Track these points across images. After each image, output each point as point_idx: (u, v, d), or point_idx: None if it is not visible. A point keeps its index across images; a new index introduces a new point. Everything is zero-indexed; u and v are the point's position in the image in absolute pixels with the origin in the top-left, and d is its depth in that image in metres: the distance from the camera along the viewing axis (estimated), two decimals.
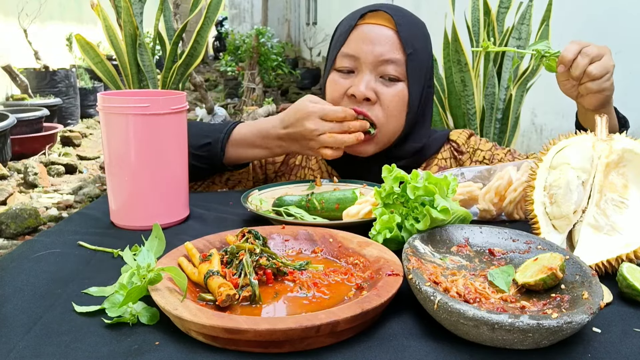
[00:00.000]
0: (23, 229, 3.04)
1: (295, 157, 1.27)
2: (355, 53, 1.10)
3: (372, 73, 1.10)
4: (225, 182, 1.24)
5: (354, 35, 1.11)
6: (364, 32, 1.10)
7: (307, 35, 12.21)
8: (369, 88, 1.08)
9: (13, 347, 0.56)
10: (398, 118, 1.12)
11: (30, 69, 6.13)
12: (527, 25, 2.34)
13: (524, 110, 2.58)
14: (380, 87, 1.10)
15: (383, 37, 1.09)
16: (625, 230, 0.77)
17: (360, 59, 1.09)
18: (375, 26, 1.10)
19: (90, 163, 4.94)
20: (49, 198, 3.83)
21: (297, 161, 1.27)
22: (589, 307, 0.56)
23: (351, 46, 1.11)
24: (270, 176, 1.27)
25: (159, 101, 0.90)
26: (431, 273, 0.67)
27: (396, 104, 1.10)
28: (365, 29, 1.11)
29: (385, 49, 1.08)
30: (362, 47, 1.09)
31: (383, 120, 1.10)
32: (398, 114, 1.11)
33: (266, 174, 1.27)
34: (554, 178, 0.85)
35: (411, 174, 0.79)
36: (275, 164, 1.26)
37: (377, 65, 1.09)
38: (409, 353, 0.56)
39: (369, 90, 1.08)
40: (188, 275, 0.68)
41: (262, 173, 1.26)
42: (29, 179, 4.05)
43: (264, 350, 0.56)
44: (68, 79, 6.24)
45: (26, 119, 4.84)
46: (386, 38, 1.09)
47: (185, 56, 2.84)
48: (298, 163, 1.27)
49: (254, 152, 1.13)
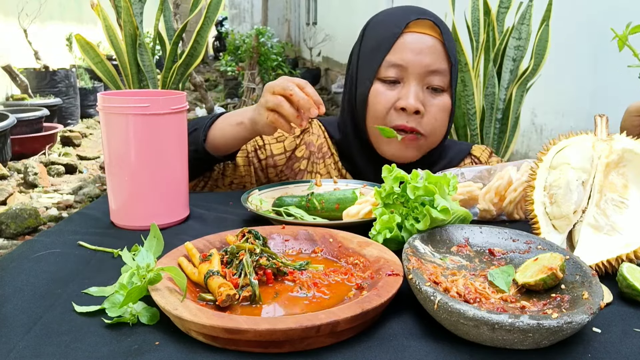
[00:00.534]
0: (23, 229, 3.04)
1: (300, 162, 1.26)
2: (403, 63, 1.08)
3: (419, 84, 1.09)
4: (229, 184, 1.24)
5: (400, 44, 1.09)
6: (412, 41, 1.09)
7: (307, 35, 12.20)
8: (417, 100, 1.08)
9: (13, 347, 0.56)
10: (442, 127, 1.13)
11: (30, 69, 6.13)
12: (527, 25, 2.34)
13: (524, 110, 2.58)
14: (427, 98, 1.10)
15: (431, 47, 1.08)
16: (625, 230, 0.77)
17: (409, 69, 1.08)
18: (423, 35, 1.09)
19: (90, 163, 4.94)
20: (49, 198, 3.83)
21: (302, 166, 1.26)
22: (589, 307, 0.56)
23: (399, 55, 1.09)
24: (273, 180, 1.26)
25: (159, 101, 0.90)
26: (431, 273, 0.67)
27: (442, 115, 1.12)
28: (413, 38, 1.09)
29: (433, 59, 1.08)
30: (410, 56, 1.08)
31: (430, 130, 1.11)
32: (443, 123, 1.13)
33: (268, 178, 1.26)
34: (554, 178, 0.85)
35: (411, 174, 0.79)
36: (277, 167, 1.25)
37: (424, 75, 1.08)
38: (409, 353, 0.56)
39: (418, 102, 1.08)
40: (188, 275, 0.68)
41: (264, 176, 1.26)
42: (29, 179, 4.05)
43: (264, 350, 0.56)
44: (68, 79, 6.24)
45: (26, 119, 4.85)
46: (434, 48, 1.08)
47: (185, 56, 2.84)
48: (303, 168, 1.26)
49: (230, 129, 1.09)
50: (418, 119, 1.09)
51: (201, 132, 1.10)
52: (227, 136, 1.11)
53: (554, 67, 2.91)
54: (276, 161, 1.25)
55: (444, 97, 1.11)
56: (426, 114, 1.10)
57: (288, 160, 1.26)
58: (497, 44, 2.42)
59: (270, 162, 1.25)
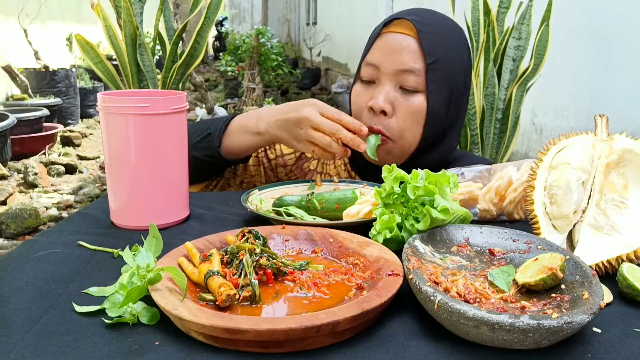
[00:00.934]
0: (23, 229, 3.04)
1: (310, 162, 1.25)
2: (376, 62, 1.09)
3: (391, 83, 1.08)
4: (239, 184, 1.24)
5: (377, 44, 1.10)
6: (386, 41, 1.09)
7: (307, 35, 12.20)
8: (386, 100, 1.07)
9: (13, 347, 0.56)
10: (414, 130, 1.09)
11: (30, 69, 6.13)
12: (527, 25, 2.34)
13: (524, 110, 2.58)
14: (399, 99, 1.08)
15: (404, 47, 1.07)
16: (625, 230, 0.77)
17: (381, 68, 1.08)
18: (398, 35, 1.08)
19: (90, 163, 4.94)
20: (49, 198, 3.83)
21: (311, 166, 1.25)
22: (589, 307, 0.56)
23: (373, 55, 1.10)
24: (283, 179, 1.26)
25: (159, 101, 0.90)
26: (431, 273, 0.67)
27: (412, 117, 1.08)
28: (388, 38, 1.09)
29: (405, 59, 1.06)
30: (383, 56, 1.08)
31: (397, 133, 1.08)
32: (414, 126, 1.09)
33: (278, 177, 1.26)
34: (554, 178, 0.85)
35: (411, 174, 0.79)
36: (287, 167, 1.25)
37: (396, 75, 1.07)
38: (409, 353, 0.56)
39: (386, 103, 1.07)
40: (188, 275, 0.68)
41: (274, 176, 1.25)
42: (29, 179, 4.05)
43: (264, 350, 0.56)
44: (68, 79, 6.24)
45: (26, 119, 4.85)
46: (407, 47, 1.07)
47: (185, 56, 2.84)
48: (313, 168, 1.25)
49: (246, 137, 1.11)
50: (385, 121, 1.08)
51: (215, 137, 1.10)
52: (244, 144, 1.12)
53: (554, 67, 2.91)
54: (286, 161, 1.25)
55: (417, 98, 1.07)
56: (395, 115, 1.08)
57: (298, 160, 1.25)
58: (497, 44, 2.42)
59: (280, 162, 1.24)
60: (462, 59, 1.12)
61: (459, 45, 1.12)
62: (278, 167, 1.25)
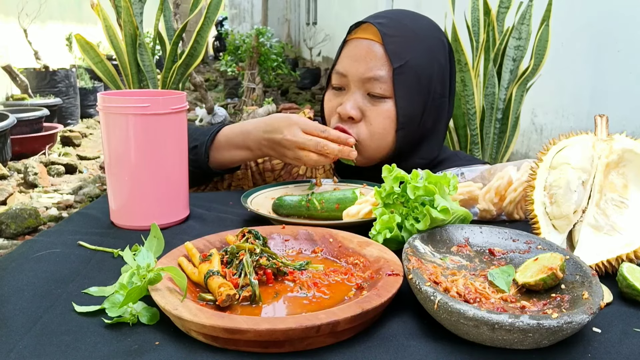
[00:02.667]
0: (23, 229, 3.04)
1: (299, 167, 1.25)
2: (344, 71, 1.08)
3: (359, 90, 1.07)
4: (227, 187, 1.24)
5: (344, 52, 1.10)
6: (352, 48, 1.08)
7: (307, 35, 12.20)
8: (354, 107, 1.06)
9: (13, 347, 0.56)
10: (384, 135, 1.07)
11: (30, 69, 6.13)
12: (527, 25, 2.34)
13: (524, 110, 2.58)
14: (368, 105, 1.07)
15: (369, 53, 1.05)
16: (625, 230, 0.77)
17: (348, 76, 1.08)
18: (362, 41, 1.07)
19: (90, 163, 4.94)
20: (49, 198, 3.83)
21: (300, 171, 1.25)
22: (589, 307, 0.56)
23: (341, 63, 1.09)
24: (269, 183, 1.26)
25: (159, 101, 0.90)
26: (431, 273, 0.67)
27: (381, 122, 1.07)
28: (353, 45, 1.08)
29: (370, 66, 1.04)
30: (349, 64, 1.07)
31: (366, 137, 1.07)
32: (384, 131, 1.07)
33: (265, 181, 1.26)
34: (554, 178, 0.85)
35: (411, 174, 0.79)
36: (275, 171, 1.25)
37: (363, 82, 1.06)
38: (409, 353, 0.56)
39: (354, 109, 1.06)
40: (188, 275, 0.68)
41: (261, 180, 1.25)
42: (29, 179, 4.05)
43: (264, 350, 0.56)
44: (68, 79, 6.24)
45: (26, 119, 4.84)
46: (371, 54, 1.05)
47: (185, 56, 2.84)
48: (302, 173, 1.25)
49: (237, 153, 1.11)
50: (354, 126, 1.08)
51: (202, 151, 1.09)
52: (234, 159, 1.12)
53: (554, 67, 2.91)
54: (273, 165, 1.25)
55: (386, 104, 1.05)
56: (364, 120, 1.07)
57: (286, 164, 1.25)
58: (497, 44, 2.42)
59: (268, 166, 1.24)
60: (437, 60, 1.08)
61: (433, 46, 1.08)
62: (266, 172, 1.25)
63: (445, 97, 1.12)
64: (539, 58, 2.40)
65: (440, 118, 1.13)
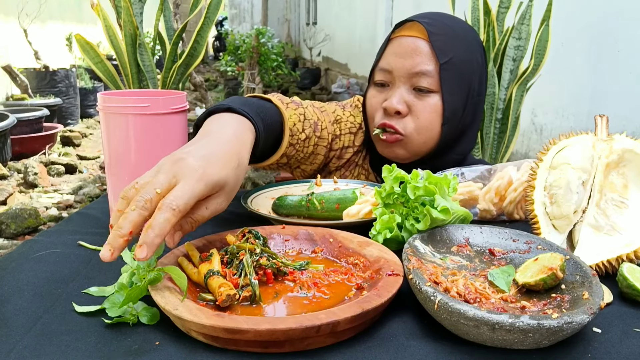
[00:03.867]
0: (23, 229, 3.04)
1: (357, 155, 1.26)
2: (389, 67, 1.11)
3: (405, 85, 1.10)
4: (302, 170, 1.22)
5: (389, 49, 1.12)
6: (397, 45, 1.11)
7: (307, 35, 12.20)
8: (401, 102, 1.09)
9: (13, 347, 0.56)
10: (431, 129, 1.10)
11: (30, 69, 6.13)
12: (527, 25, 2.34)
13: (524, 110, 2.58)
14: (414, 100, 1.09)
15: (415, 49, 1.08)
16: (625, 230, 0.77)
17: (394, 72, 1.10)
18: (409, 38, 1.10)
19: (90, 163, 4.94)
20: (49, 198, 3.83)
21: (356, 158, 1.27)
22: (589, 307, 0.56)
23: (386, 60, 1.12)
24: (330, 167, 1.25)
25: (159, 101, 0.90)
26: (431, 273, 0.67)
27: (428, 116, 1.09)
28: (399, 42, 1.11)
29: (417, 61, 1.08)
30: (395, 60, 1.10)
31: (413, 131, 1.10)
32: (430, 125, 1.10)
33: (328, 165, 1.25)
34: (554, 178, 0.85)
35: (411, 174, 0.79)
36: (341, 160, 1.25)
37: (410, 77, 1.09)
38: (409, 353, 0.56)
39: (401, 103, 1.09)
40: (188, 275, 0.68)
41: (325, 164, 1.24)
42: (29, 179, 4.05)
43: (264, 350, 0.56)
44: (68, 79, 6.24)
45: (26, 119, 4.84)
46: (418, 50, 1.08)
47: (185, 56, 2.84)
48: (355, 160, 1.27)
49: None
50: (399, 119, 1.10)
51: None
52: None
53: (554, 67, 2.91)
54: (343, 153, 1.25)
55: (432, 99, 1.09)
56: (411, 115, 1.10)
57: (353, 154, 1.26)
58: (497, 44, 2.42)
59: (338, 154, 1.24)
60: (475, 58, 1.13)
61: (472, 45, 1.13)
62: (334, 159, 1.24)
63: (482, 95, 1.17)
64: (539, 58, 2.39)
65: (476, 115, 1.17)
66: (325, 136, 1.19)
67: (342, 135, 1.24)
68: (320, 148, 1.19)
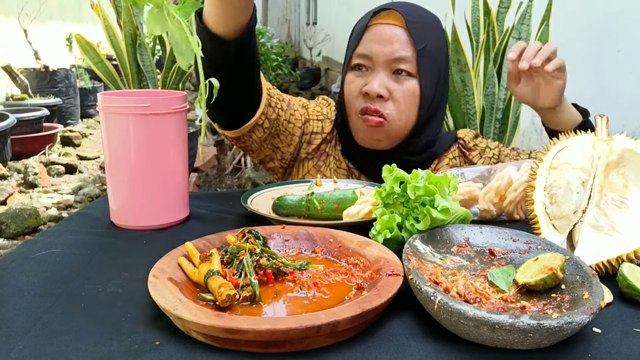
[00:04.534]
0: (23, 229, 3.04)
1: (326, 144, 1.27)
2: (368, 53, 1.14)
3: (385, 70, 1.13)
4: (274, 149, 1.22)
5: (366, 36, 1.15)
6: (376, 32, 1.14)
7: (307, 35, 12.20)
8: (381, 86, 1.12)
9: (13, 347, 0.56)
10: (409, 113, 1.15)
11: (30, 69, 6.12)
12: (527, 25, 2.34)
13: (524, 110, 2.58)
14: (393, 84, 1.13)
15: (394, 36, 1.12)
16: (625, 230, 0.77)
17: (373, 58, 1.13)
18: (387, 26, 1.13)
19: (90, 163, 4.94)
20: (49, 198, 3.83)
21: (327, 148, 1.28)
22: (589, 307, 0.56)
23: (365, 46, 1.15)
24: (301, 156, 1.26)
25: (159, 101, 0.90)
26: (431, 273, 0.67)
27: (407, 99, 1.13)
28: (377, 29, 1.14)
29: (396, 48, 1.12)
30: (374, 47, 1.13)
31: (395, 115, 1.13)
32: (409, 109, 1.14)
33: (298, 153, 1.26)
34: (554, 178, 0.85)
35: (411, 174, 0.79)
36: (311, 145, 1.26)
37: (389, 63, 1.12)
38: (409, 353, 0.56)
39: (382, 87, 1.12)
40: (188, 275, 0.68)
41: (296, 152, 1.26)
42: (29, 179, 4.05)
43: (264, 350, 0.56)
44: (68, 79, 6.24)
45: (26, 119, 4.84)
46: (397, 37, 1.12)
47: None
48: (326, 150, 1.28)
49: None
50: (383, 104, 1.13)
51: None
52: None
53: None
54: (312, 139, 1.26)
55: (410, 83, 1.13)
56: (391, 99, 1.13)
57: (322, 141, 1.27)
58: (497, 44, 2.42)
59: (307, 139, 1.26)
60: (443, 47, 1.19)
61: (441, 34, 1.20)
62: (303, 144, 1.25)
63: (447, 82, 1.23)
64: None
65: (443, 99, 1.23)
66: (298, 117, 1.23)
67: (311, 120, 1.26)
68: (295, 128, 1.22)
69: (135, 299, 0.67)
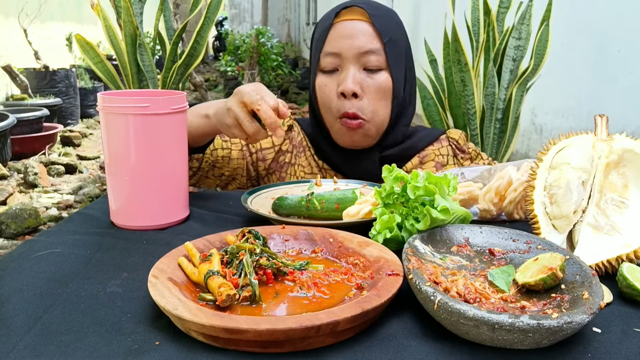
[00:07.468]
0: (23, 229, 3.04)
1: (284, 155, 1.29)
2: (336, 50, 1.14)
3: (355, 66, 1.14)
4: (219, 176, 1.24)
5: (332, 34, 1.16)
6: (341, 28, 1.15)
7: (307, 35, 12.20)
8: (355, 82, 1.12)
9: (13, 347, 0.56)
10: (385, 106, 1.16)
11: (30, 69, 6.12)
12: (527, 25, 2.34)
13: (524, 110, 2.58)
14: (366, 79, 1.14)
15: (360, 31, 1.13)
16: (625, 230, 0.77)
17: (342, 54, 1.14)
18: (351, 21, 1.15)
19: (90, 163, 4.94)
20: (49, 198, 3.83)
21: (286, 159, 1.29)
22: (589, 307, 0.56)
23: (331, 44, 1.15)
24: (261, 173, 1.29)
25: (159, 101, 0.90)
26: (431, 273, 0.67)
27: (381, 94, 1.14)
28: (342, 26, 1.15)
29: (364, 41, 1.13)
30: (341, 42, 1.14)
31: (371, 112, 1.14)
32: (384, 102, 1.16)
33: (257, 171, 1.28)
34: (554, 178, 0.85)
35: (411, 174, 0.79)
36: (266, 161, 1.28)
37: (359, 57, 1.13)
38: (409, 353, 0.56)
39: (356, 84, 1.12)
40: (188, 275, 0.68)
41: (253, 170, 1.28)
42: (29, 179, 4.05)
43: (264, 350, 0.56)
44: (68, 79, 6.24)
45: (26, 119, 4.84)
46: (363, 31, 1.13)
47: (185, 56, 2.84)
48: (287, 160, 1.29)
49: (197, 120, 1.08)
50: (358, 103, 1.13)
51: None
52: (194, 125, 1.08)
53: (554, 67, 2.91)
54: (265, 155, 1.27)
55: (382, 75, 1.14)
56: (365, 96, 1.14)
57: (276, 153, 1.29)
58: (497, 44, 2.42)
59: (260, 156, 1.27)
60: (405, 37, 1.22)
61: (402, 27, 1.22)
62: (258, 162, 1.28)
63: (414, 72, 1.25)
64: (539, 58, 2.39)
65: (413, 90, 1.25)
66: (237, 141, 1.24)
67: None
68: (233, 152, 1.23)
69: (135, 299, 0.67)
